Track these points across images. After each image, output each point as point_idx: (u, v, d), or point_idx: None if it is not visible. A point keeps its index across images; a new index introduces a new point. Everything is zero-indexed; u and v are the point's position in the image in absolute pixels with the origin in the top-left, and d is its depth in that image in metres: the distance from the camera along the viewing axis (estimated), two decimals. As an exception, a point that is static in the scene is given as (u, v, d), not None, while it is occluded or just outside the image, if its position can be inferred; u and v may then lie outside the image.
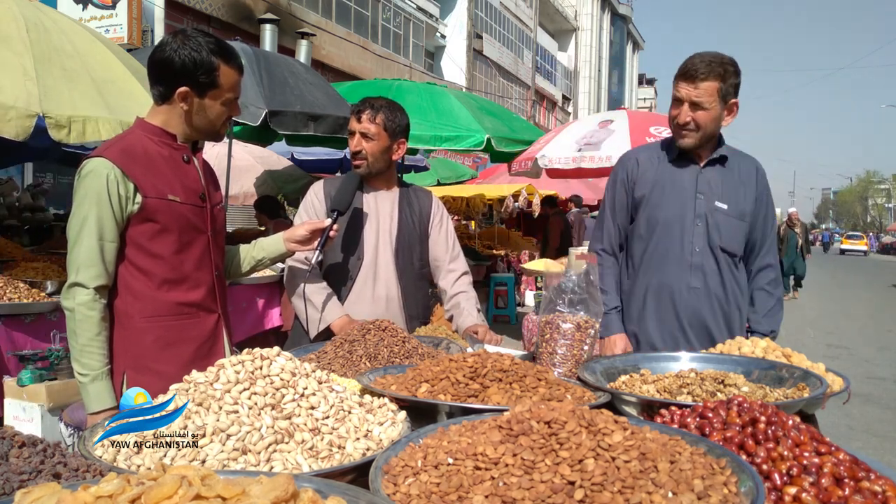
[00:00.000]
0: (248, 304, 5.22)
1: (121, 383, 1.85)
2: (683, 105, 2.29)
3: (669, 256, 2.38)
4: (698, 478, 0.91)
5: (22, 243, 5.99)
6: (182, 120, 1.91)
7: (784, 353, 1.83)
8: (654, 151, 2.50)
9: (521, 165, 7.04)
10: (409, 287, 2.52)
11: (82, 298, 1.79)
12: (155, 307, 1.88)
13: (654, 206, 2.41)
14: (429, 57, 24.71)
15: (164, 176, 1.89)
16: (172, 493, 0.77)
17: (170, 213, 1.88)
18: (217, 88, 1.88)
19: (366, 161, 2.45)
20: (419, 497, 0.93)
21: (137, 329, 1.87)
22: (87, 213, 1.79)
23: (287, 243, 2.22)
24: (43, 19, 3.67)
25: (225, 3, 13.93)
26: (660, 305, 2.39)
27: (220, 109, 1.92)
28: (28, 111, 3.14)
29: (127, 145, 1.87)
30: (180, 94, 1.86)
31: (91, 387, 1.78)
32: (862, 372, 7.42)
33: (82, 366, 1.79)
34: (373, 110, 2.43)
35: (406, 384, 1.43)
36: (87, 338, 1.79)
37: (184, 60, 1.83)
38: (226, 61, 1.88)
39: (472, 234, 13.11)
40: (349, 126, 2.49)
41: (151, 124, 1.93)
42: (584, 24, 41.84)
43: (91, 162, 1.82)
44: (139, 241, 1.86)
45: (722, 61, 2.26)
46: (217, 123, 1.95)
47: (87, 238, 1.79)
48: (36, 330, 3.61)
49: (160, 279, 1.88)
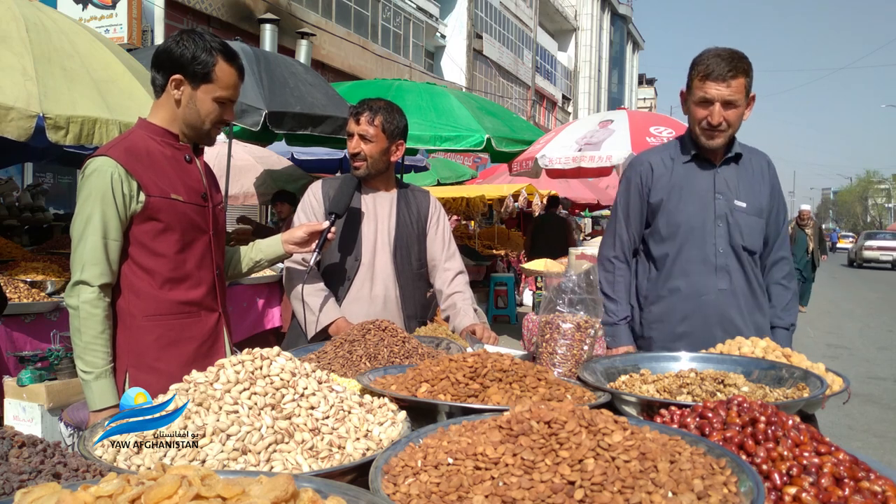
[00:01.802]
0: (248, 304, 5.23)
1: (123, 382, 1.86)
2: (714, 105, 2.21)
3: (694, 260, 2.33)
4: (698, 478, 0.91)
5: (22, 243, 5.99)
6: (175, 112, 1.93)
7: (784, 353, 1.83)
8: (664, 154, 2.45)
9: (521, 165, 7.04)
10: (407, 287, 2.53)
11: (87, 296, 1.80)
12: (157, 306, 1.90)
13: (672, 211, 2.35)
14: (429, 57, 24.71)
15: (167, 175, 1.91)
16: (172, 493, 0.77)
17: (172, 212, 1.90)
18: (211, 83, 1.90)
19: (365, 162, 2.46)
20: (419, 497, 0.93)
21: (139, 328, 1.89)
22: (92, 212, 1.80)
23: (285, 245, 2.24)
24: (43, 19, 3.67)
25: (225, 3, 13.92)
26: (688, 309, 2.34)
27: (211, 106, 1.93)
28: (28, 111, 3.14)
29: (130, 144, 1.88)
30: (174, 81, 1.89)
31: (95, 384, 1.79)
32: (862, 372, 7.42)
33: (86, 363, 1.80)
34: (371, 112, 2.43)
35: (406, 384, 1.44)
36: (91, 336, 1.80)
37: (182, 50, 1.87)
38: (225, 59, 1.91)
39: (472, 234, 13.11)
40: (348, 128, 2.49)
41: (154, 124, 1.95)
42: (584, 24, 41.84)
43: (95, 161, 1.83)
44: (142, 239, 1.88)
45: (741, 56, 2.22)
46: (206, 121, 1.94)
47: (91, 236, 1.80)
48: (36, 330, 3.61)
49: (163, 278, 1.90)
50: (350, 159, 2.50)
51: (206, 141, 2.03)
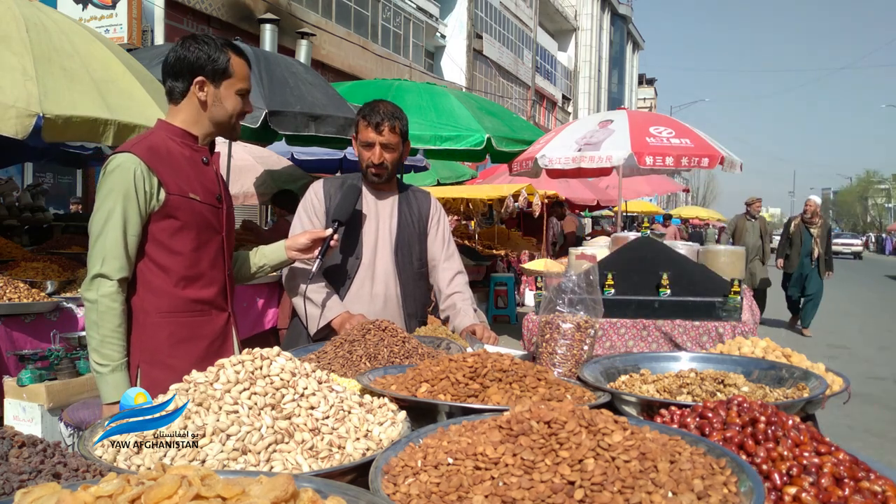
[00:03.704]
0: (249, 304, 5.23)
1: (135, 377, 1.89)
2: None
3: None
4: (698, 478, 0.91)
5: (22, 243, 5.99)
6: (200, 114, 1.98)
7: (784, 353, 1.83)
8: None
9: (521, 165, 7.04)
10: (409, 286, 2.53)
11: (106, 290, 1.82)
12: (171, 303, 1.93)
13: None
14: (429, 57, 24.69)
15: (186, 175, 1.95)
16: (172, 493, 0.77)
17: (190, 211, 1.94)
18: (231, 77, 1.97)
19: (386, 171, 2.47)
20: (419, 497, 0.93)
21: (153, 324, 1.92)
22: (114, 207, 1.83)
23: (288, 251, 2.27)
24: (43, 19, 3.67)
25: (225, 3, 13.91)
26: None
27: (235, 99, 2.00)
28: (28, 111, 3.14)
29: (152, 143, 1.92)
30: (198, 83, 1.94)
31: (110, 377, 1.82)
32: (862, 372, 7.42)
33: (102, 356, 1.82)
34: (390, 120, 2.40)
35: (406, 384, 1.44)
36: (109, 329, 1.82)
37: (197, 54, 1.93)
38: (235, 53, 1.98)
39: (472, 234, 13.10)
40: (363, 137, 2.43)
41: (173, 125, 1.99)
42: (584, 24, 41.81)
43: (119, 157, 1.87)
44: (160, 237, 1.91)
45: None
46: (233, 115, 2.01)
47: (112, 231, 1.83)
48: (36, 330, 3.61)
49: (178, 276, 1.93)
50: (368, 168, 2.46)
51: (231, 135, 2.09)
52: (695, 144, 6.50)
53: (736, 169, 6.84)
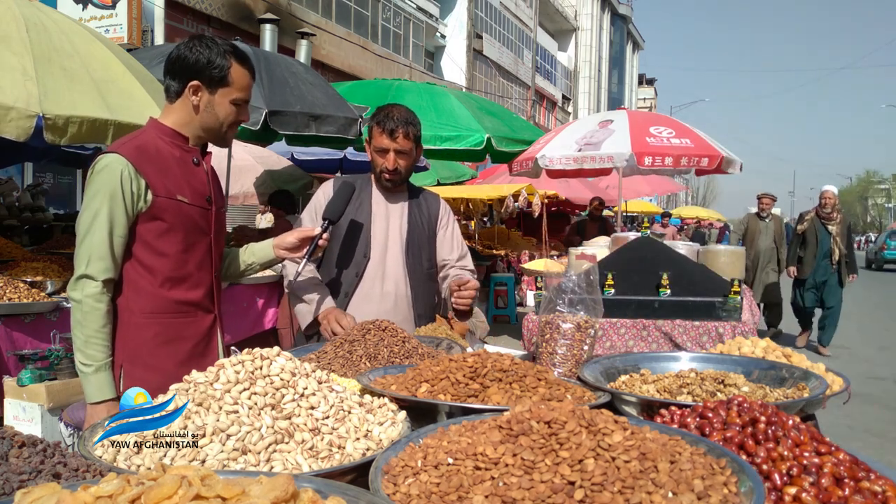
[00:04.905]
0: (248, 304, 5.23)
1: (118, 377, 1.88)
2: None
3: None
4: (698, 478, 0.91)
5: (22, 243, 5.99)
6: (192, 117, 1.95)
7: (784, 353, 1.83)
8: None
9: (522, 165, 7.05)
10: (419, 286, 2.55)
11: (90, 290, 1.82)
12: (156, 304, 1.92)
13: None
14: (429, 57, 24.69)
15: (175, 176, 1.93)
16: (172, 493, 0.77)
17: (177, 213, 1.92)
18: (227, 86, 1.94)
19: (400, 176, 2.48)
20: (419, 497, 0.93)
21: (137, 324, 1.91)
22: (100, 207, 1.82)
23: (276, 250, 2.26)
24: (43, 19, 3.67)
25: (225, 3, 13.91)
26: None
27: (229, 108, 1.96)
28: (28, 111, 3.14)
29: (141, 143, 1.91)
30: (192, 87, 1.91)
31: (94, 377, 1.82)
32: (862, 372, 7.41)
33: (86, 356, 1.82)
34: (405, 126, 2.40)
35: (406, 384, 1.44)
36: (93, 329, 1.82)
37: (197, 56, 1.90)
38: (238, 62, 1.95)
39: (472, 234, 13.10)
40: (377, 143, 2.44)
41: (165, 125, 1.97)
42: (584, 24, 41.81)
43: (106, 157, 1.86)
44: (146, 238, 1.90)
45: None
46: (224, 123, 1.98)
47: (98, 231, 1.82)
48: (36, 330, 3.61)
49: (164, 277, 1.93)
50: (383, 174, 2.46)
51: (221, 143, 2.07)
52: (695, 144, 6.51)
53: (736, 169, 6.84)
